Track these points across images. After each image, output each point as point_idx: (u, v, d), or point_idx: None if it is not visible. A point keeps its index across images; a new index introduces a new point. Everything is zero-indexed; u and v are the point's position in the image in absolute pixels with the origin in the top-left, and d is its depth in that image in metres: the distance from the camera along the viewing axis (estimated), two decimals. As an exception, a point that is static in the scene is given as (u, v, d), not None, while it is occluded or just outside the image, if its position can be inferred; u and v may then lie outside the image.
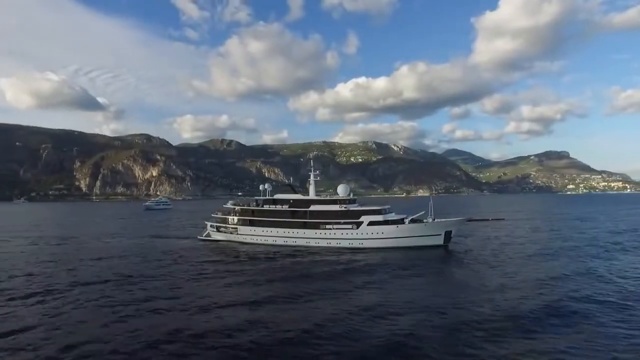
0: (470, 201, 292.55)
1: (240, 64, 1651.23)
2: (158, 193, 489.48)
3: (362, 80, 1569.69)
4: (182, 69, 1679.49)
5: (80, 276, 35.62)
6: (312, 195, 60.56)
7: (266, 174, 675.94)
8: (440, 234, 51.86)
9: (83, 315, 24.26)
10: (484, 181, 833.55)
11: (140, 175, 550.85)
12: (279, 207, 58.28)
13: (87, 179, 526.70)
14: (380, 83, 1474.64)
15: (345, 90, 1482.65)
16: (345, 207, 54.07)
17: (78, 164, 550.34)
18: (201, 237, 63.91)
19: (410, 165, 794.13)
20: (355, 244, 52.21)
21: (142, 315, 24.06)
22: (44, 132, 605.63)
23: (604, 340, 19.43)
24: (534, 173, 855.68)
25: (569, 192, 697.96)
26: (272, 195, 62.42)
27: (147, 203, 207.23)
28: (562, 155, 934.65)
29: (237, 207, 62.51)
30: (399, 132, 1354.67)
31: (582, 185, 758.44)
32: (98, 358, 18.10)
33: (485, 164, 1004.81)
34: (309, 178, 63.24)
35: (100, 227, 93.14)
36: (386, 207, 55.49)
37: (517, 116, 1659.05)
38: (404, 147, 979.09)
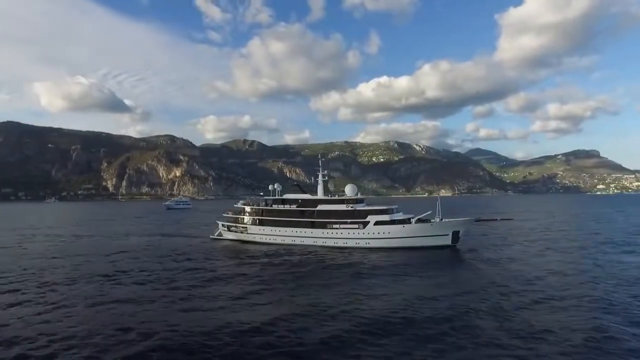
0: (492, 202, 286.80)
1: (262, 64, 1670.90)
2: (181, 193, 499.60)
3: (384, 79, 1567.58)
4: (205, 70, 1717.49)
5: (82, 271, 37.63)
6: (320, 195, 60.80)
7: (287, 174, 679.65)
8: (447, 234, 51.16)
9: (74, 307, 25.72)
10: (508, 181, 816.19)
11: (164, 175, 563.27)
12: (287, 207, 58.83)
13: (114, 179, 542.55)
14: (403, 82, 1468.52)
15: (367, 89, 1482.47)
16: (351, 207, 54.07)
17: (105, 164, 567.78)
18: (213, 237, 65.12)
19: (433, 165, 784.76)
20: (362, 243, 52.14)
21: (125, 307, 25.53)
22: (74, 134, 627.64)
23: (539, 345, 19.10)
24: (561, 173, 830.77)
25: (598, 193, 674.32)
26: (281, 195, 63.04)
27: (167, 203, 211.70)
28: (591, 154, 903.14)
29: (247, 207, 63.44)
30: (421, 132, 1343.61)
31: (613, 185, 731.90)
32: (81, 341, 19.27)
33: (510, 163, 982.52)
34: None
35: (117, 226, 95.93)
36: (393, 206, 55.25)
37: (544, 114, 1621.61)
38: (426, 146, 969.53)
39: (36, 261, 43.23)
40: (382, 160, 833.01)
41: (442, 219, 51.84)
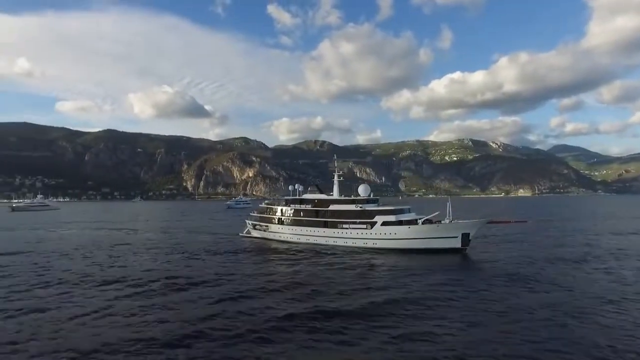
0: (568, 202, 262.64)
1: (332, 66, 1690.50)
2: (254, 193, 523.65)
3: (457, 75, 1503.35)
4: (278, 74, 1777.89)
5: (98, 256, 43.66)
6: (335, 195, 62.21)
7: (357, 174, 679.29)
8: (456, 237, 49.53)
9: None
10: (599, 180, 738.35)
11: (238, 175, 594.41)
12: (303, 207, 61.04)
13: (193, 180, 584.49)
14: (478, 77, 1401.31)
15: (439, 86, 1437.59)
16: (360, 207, 54.67)
17: (185, 166, 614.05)
18: (242, 234, 69.41)
19: (510, 163, 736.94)
20: (370, 244, 52.38)
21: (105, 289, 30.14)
22: (160, 138, 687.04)
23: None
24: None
25: None
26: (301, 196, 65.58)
27: (228, 202, 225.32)
28: None
29: (269, 207, 66.86)
30: (499, 128, 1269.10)
31: None
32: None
33: (601, 160, 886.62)
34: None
35: (171, 222, 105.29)
36: (404, 207, 54.84)
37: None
38: (504, 143, 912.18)
39: (72, 244, 50.56)
40: (455, 159, 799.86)
41: (451, 220, 50.52)
